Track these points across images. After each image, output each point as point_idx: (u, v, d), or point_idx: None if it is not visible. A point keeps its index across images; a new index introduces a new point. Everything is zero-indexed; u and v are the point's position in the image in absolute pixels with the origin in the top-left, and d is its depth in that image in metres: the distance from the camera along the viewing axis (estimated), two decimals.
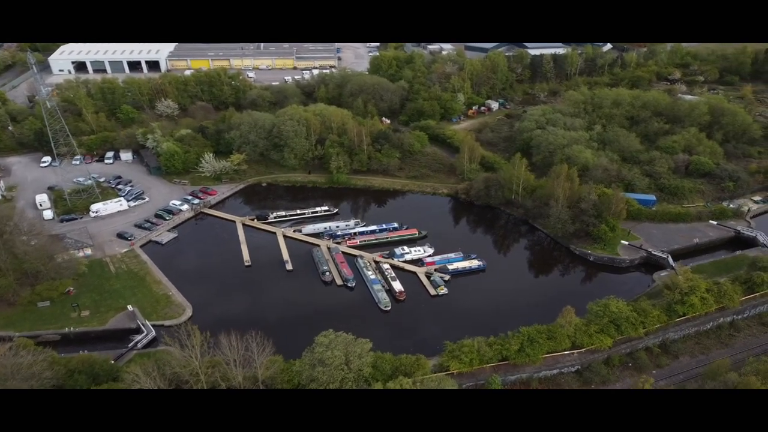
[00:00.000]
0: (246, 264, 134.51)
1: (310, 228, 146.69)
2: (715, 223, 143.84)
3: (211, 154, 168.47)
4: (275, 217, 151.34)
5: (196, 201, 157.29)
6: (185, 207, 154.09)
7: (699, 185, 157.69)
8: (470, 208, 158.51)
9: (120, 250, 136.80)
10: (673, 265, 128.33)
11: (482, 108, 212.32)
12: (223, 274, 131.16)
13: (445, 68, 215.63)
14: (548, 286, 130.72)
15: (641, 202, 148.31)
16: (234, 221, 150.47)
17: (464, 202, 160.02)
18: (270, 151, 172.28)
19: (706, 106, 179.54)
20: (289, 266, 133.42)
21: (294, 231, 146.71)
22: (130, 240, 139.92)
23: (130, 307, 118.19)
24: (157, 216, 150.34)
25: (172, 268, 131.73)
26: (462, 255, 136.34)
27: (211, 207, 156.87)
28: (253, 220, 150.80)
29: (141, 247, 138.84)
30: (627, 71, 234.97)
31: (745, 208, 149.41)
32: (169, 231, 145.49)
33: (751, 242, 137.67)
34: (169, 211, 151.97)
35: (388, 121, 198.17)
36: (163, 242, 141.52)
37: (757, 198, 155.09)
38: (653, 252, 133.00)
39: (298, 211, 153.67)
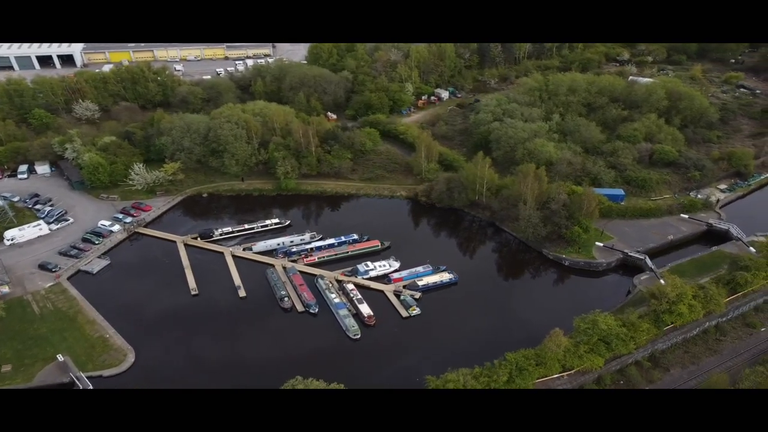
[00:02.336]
0: (193, 293, 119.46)
1: (261, 245, 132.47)
2: (687, 216, 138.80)
3: (141, 164, 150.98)
4: (221, 234, 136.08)
5: (129, 219, 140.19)
6: (116, 227, 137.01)
7: (665, 176, 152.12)
8: (432, 212, 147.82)
9: (43, 285, 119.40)
10: (652, 266, 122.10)
11: (432, 98, 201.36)
12: (168, 307, 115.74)
13: (390, 56, 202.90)
14: (525, 296, 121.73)
15: (610, 198, 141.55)
16: (174, 241, 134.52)
17: (425, 205, 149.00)
18: (208, 158, 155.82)
19: (663, 90, 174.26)
20: (242, 292, 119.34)
21: (243, 249, 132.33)
22: (54, 272, 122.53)
23: (60, 357, 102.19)
24: (84, 240, 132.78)
25: (108, 302, 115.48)
26: (431, 268, 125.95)
27: (147, 225, 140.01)
28: (196, 238, 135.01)
29: (68, 279, 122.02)
30: (576, 53, 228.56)
31: (714, 199, 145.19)
32: (99, 257, 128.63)
33: (723, 236, 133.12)
34: (99, 234, 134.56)
35: (335, 117, 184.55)
36: (94, 271, 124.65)
37: (722, 186, 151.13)
38: (629, 253, 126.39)
39: (246, 226, 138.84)
